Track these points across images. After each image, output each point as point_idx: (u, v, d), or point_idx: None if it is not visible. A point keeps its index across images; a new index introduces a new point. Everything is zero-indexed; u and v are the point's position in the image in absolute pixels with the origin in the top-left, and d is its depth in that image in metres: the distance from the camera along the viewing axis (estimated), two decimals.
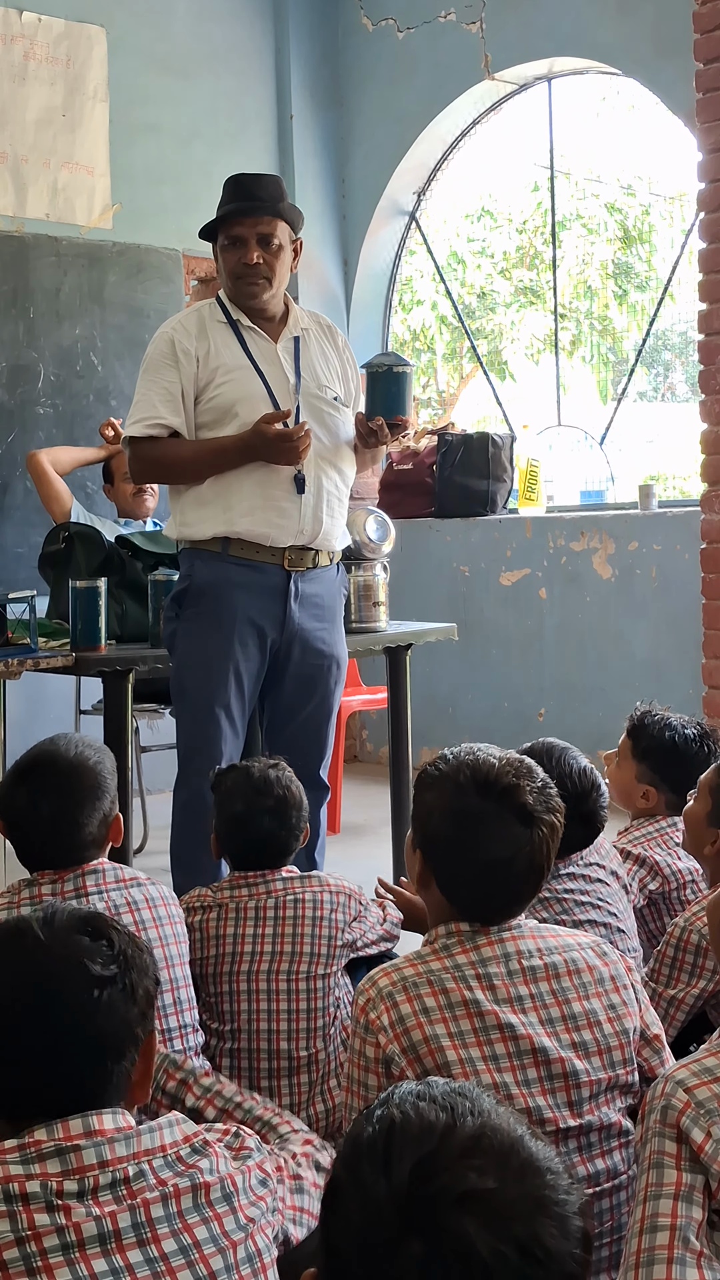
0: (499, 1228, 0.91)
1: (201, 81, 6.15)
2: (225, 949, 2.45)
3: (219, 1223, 1.32)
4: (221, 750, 3.26)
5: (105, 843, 2.32)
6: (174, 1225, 1.29)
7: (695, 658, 4.86)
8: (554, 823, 1.84)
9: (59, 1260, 1.23)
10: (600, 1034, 1.80)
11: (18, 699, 4.68)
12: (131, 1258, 1.26)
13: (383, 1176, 0.94)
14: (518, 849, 1.80)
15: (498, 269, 10.71)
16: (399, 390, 3.33)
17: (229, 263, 3.29)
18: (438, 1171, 0.93)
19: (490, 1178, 0.93)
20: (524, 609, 5.87)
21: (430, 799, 1.87)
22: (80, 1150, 1.28)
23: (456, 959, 1.80)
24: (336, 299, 6.63)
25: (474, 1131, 0.96)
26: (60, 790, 2.24)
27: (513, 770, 1.84)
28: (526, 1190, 0.94)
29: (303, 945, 2.45)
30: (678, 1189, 1.38)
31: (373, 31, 6.44)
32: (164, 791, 3.95)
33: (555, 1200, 0.94)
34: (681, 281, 6.07)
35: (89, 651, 3.62)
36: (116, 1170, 1.29)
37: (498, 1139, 0.96)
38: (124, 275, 5.85)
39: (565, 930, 1.91)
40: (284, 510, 3.26)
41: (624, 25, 5.45)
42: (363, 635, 3.99)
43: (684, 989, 2.43)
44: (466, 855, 1.82)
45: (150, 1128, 1.34)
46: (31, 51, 5.60)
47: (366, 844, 4.83)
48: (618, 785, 3.06)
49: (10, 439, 5.49)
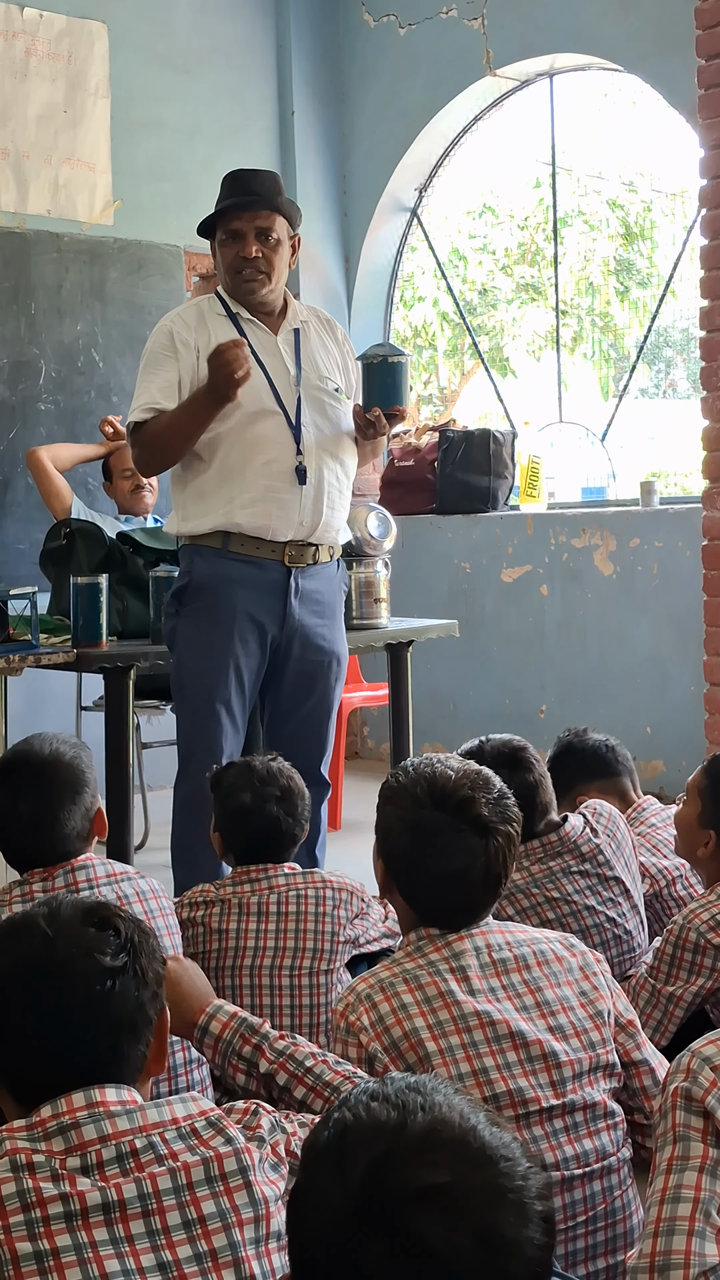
0: (455, 1221, 0.92)
1: (203, 78, 6.14)
2: (227, 944, 2.45)
3: (229, 1197, 1.31)
4: (222, 747, 3.26)
5: (90, 836, 2.33)
6: (181, 1198, 1.29)
7: (697, 654, 4.86)
8: (510, 832, 1.89)
9: (61, 1227, 1.24)
10: (575, 1017, 1.84)
11: (19, 695, 4.68)
12: (134, 1229, 1.26)
13: (338, 1179, 0.95)
14: (473, 859, 1.86)
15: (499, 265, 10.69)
16: (395, 381, 3.31)
17: (227, 257, 3.29)
18: (391, 1170, 0.94)
19: (444, 1171, 0.94)
20: (525, 606, 5.87)
21: (389, 811, 1.94)
22: (80, 1126, 1.29)
23: (429, 957, 1.85)
24: (338, 295, 6.63)
25: (425, 1127, 0.97)
26: (37, 787, 2.26)
27: (469, 782, 1.90)
28: (482, 1181, 0.94)
29: (305, 941, 2.45)
30: (703, 1163, 1.38)
31: (374, 27, 6.43)
32: (165, 788, 3.95)
33: (511, 1187, 0.95)
34: (683, 278, 6.06)
35: (90, 648, 3.62)
36: (121, 1144, 1.29)
37: (450, 1132, 0.97)
38: (125, 271, 5.85)
39: (532, 928, 1.97)
40: (284, 502, 3.25)
41: (625, 21, 5.45)
42: (364, 632, 3.99)
43: (683, 985, 2.43)
44: (424, 866, 1.88)
45: (159, 1103, 1.35)
46: (33, 48, 5.59)
47: (367, 840, 4.81)
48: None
49: (11, 435, 5.49)
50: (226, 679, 3.27)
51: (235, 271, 3.28)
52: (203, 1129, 1.35)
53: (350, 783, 5.62)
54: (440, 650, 5.62)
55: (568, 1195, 1.76)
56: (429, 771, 1.91)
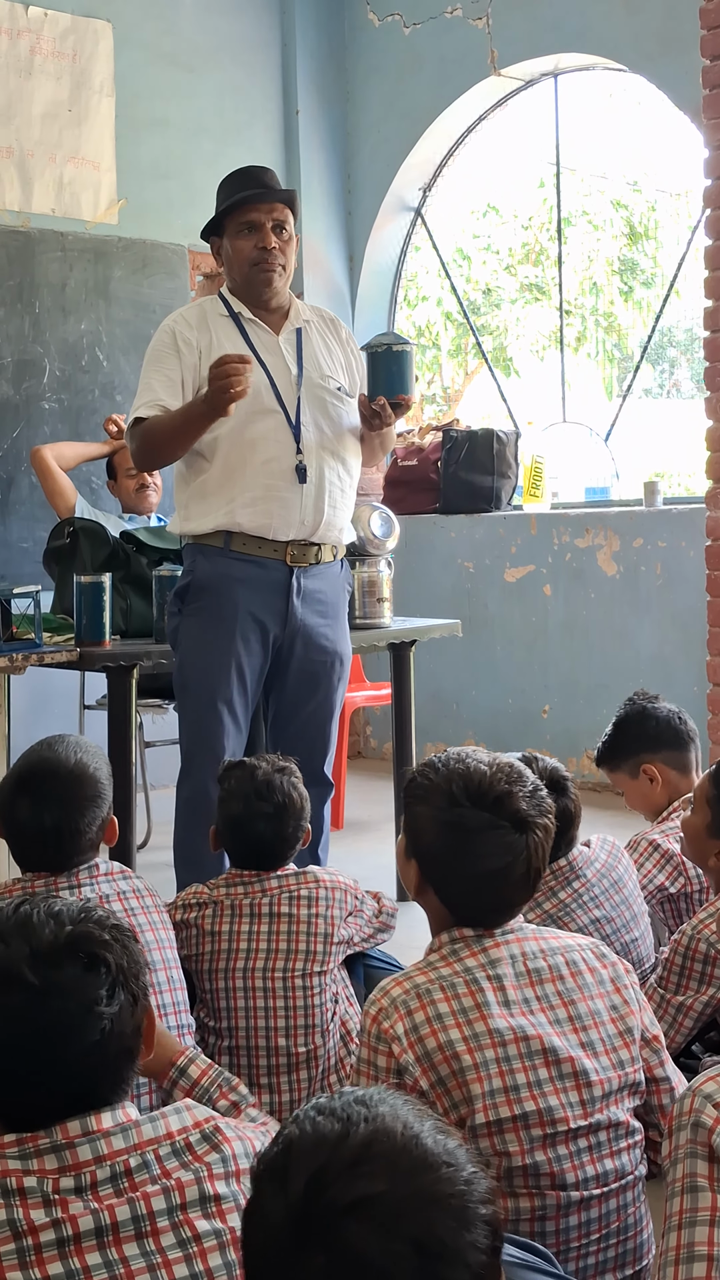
0: (389, 1230, 0.92)
1: (207, 76, 6.14)
2: (220, 946, 2.45)
3: (221, 1218, 1.30)
4: (224, 746, 3.26)
5: (99, 845, 2.35)
6: (174, 1219, 1.28)
7: (700, 655, 4.86)
8: (547, 825, 1.85)
9: (53, 1254, 1.23)
10: (605, 1033, 1.80)
11: (22, 694, 4.68)
12: (128, 1251, 1.25)
13: (281, 1194, 0.96)
14: (514, 856, 1.81)
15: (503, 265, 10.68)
16: (400, 369, 3.29)
17: (243, 250, 3.27)
18: (329, 1183, 0.94)
19: (380, 1181, 0.94)
20: (528, 605, 5.87)
21: (422, 811, 1.87)
22: (75, 1147, 1.27)
23: (466, 962, 1.80)
24: (342, 295, 6.63)
25: (365, 1138, 0.97)
26: (63, 801, 2.25)
27: (504, 777, 1.84)
28: (417, 1188, 0.94)
29: (298, 943, 2.45)
30: (713, 1214, 1.33)
31: (379, 27, 6.43)
32: (167, 787, 3.95)
33: (450, 1193, 0.94)
34: (687, 278, 6.05)
35: (93, 647, 3.62)
36: (115, 1164, 1.28)
37: (389, 1142, 0.97)
38: (130, 270, 5.85)
39: (564, 933, 1.92)
40: (285, 501, 3.25)
41: (630, 21, 5.44)
42: (367, 631, 3.99)
43: (693, 996, 2.42)
44: (464, 866, 1.83)
45: (153, 1117, 1.33)
46: (38, 46, 5.59)
47: (370, 840, 4.83)
48: (640, 806, 3.03)
49: (15, 434, 5.49)
50: (228, 678, 3.27)
51: (253, 263, 3.27)
52: (196, 1143, 1.33)
53: (353, 782, 5.62)
54: (443, 650, 5.62)
55: (584, 1213, 1.74)
56: (461, 768, 1.85)
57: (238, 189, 3.30)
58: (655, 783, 2.96)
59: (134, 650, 3.64)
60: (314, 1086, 2.41)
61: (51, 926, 1.35)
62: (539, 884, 1.88)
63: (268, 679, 3.38)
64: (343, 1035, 2.48)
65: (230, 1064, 2.40)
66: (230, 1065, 2.40)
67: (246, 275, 3.30)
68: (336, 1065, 2.44)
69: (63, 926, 1.35)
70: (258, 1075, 2.40)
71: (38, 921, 1.35)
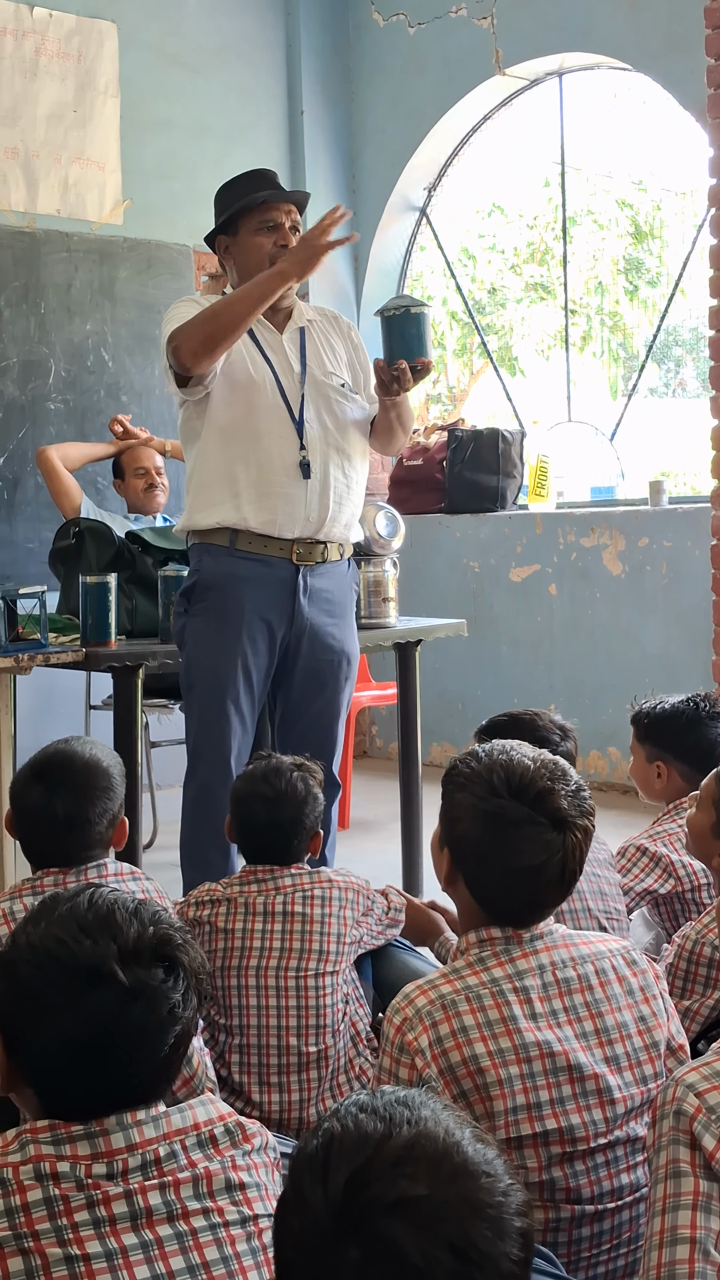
0: (430, 1232, 0.94)
1: (212, 77, 6.15)
2: (234, 944, 2.45)
3: (248, 1205, 1.33)
4: (230, 745, 3.26)
5: (109, 844, 2.35)
6: (204, 1204, 1.30)
7: (706, 654, 4.85)
8: (587, 827, 1.80)
9: (90, 1234, 1.25)
10: (631, 1047, 1.78)
11: (28, 694, 4.68)
12: (161, 1231, 1.27)
13: (320, 1187, 0.97)
14: (550, 855, 1.76)
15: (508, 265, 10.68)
16: (418, 331, 3.20)
17: (264, 246, 3.27)
18: (371, 1180, 0.96)
19: (422, 1184, 0.96)
20: (534, 605, 5.87)
21: (461, 799, 1.82)
22: (109, 1134, 1.29)
23: (493, 973, 1.76)
24: (347, 294, 6.63)
25: (408, 1140, 0.98)
26: (75, 789, 2.27)
27: (547, 773, 1.79)
28: (458, 1194, 0.96)
29: (311, 942, 2.45)
30: (695, 1198, 1.37)
31: (384, 26, 6.43)
32: (174, 786, 3.95)
33: (489, 1202, 0.96)
34: (692, 277, 6.05)
35: (99, 647, 3.62)
36: (146, 1152, 1.29)
37: (431, 1146, 0.98)
38: (135, 271, 5.85)
39: (595, 935, 1.88)
40: (290, 497, 3.25)
41: (635, 20, 5.44)
42: (372, 631, 3.99)
43: (699, 1000, 2.41)
44: (497, 859, 1.78)
45: (181, 1108, 1.35)
46: (43, 47, 5.60)
47: (376, 839, 4.83)
48: (636, 780, 3.05)
49: (21, 434, 5.50)
50: (235, 678, 3.27)
51: (272, 260, 3.25)
52: (220, 1136, 1.35)
53: (359, 782, 5.62)
54: (449, 649, 5.62)
55: (596, 1225, 1.73)
56: (505, 759, 1.80)
57: (250, 190, 3.30)
58: (660, 778, 2.97)
59: (139, 650, 3.64)
60: (323, 1086, 2.41)
61: (136, 925, 1.35)
62: (573, 887, 1.83)
63: (275, 678, 3.38)
64: (352, 1036, 2.48)
65: (240, 1062, 2.40)
66: (240, 1064, 2.40)
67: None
68: (346, 1065, 2.44)
69: (145, 926, 1.36)
70: (268, 1074, 2.40)
71: (121, 919, 1.36)
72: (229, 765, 3.26)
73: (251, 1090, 2.39)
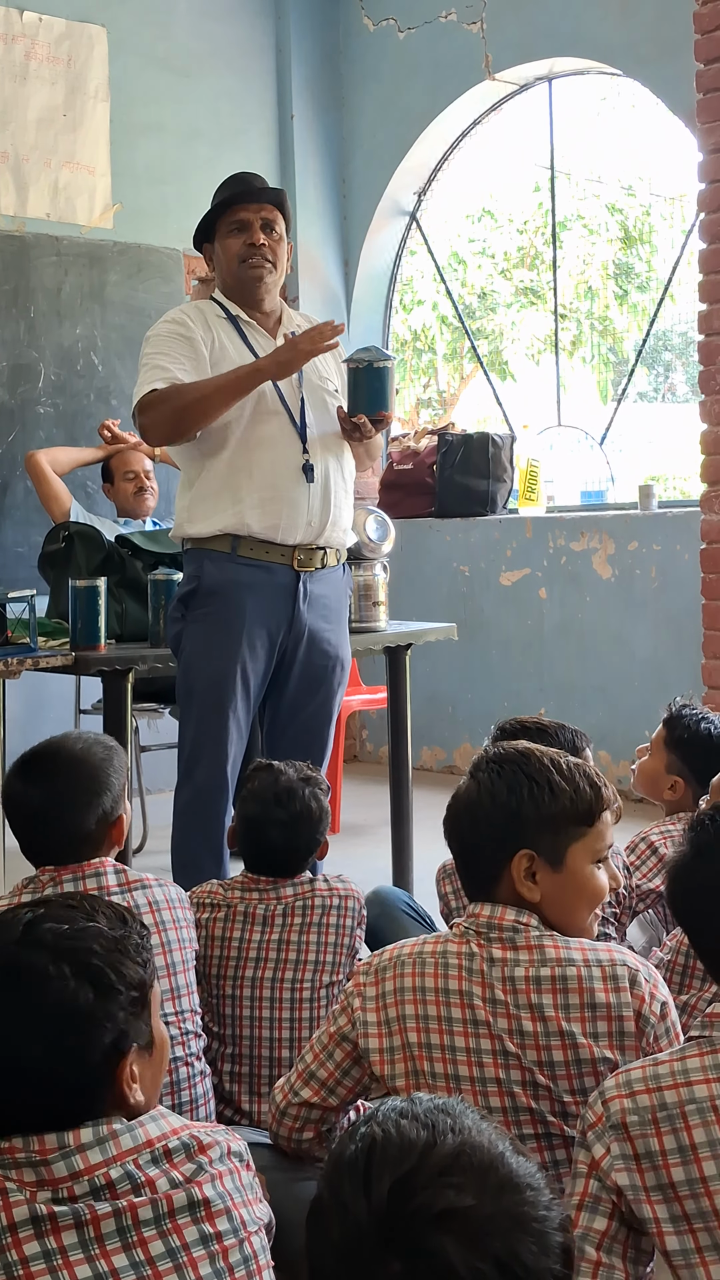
0: (476, 1245, 0.91)
1: (202, 81, 6.15)
2: (230, 952, 2.42)
3: (210, 1223, 1.28)
4: (227, 752, 3.26)
5: (105, 843, 2.26)
6: (164, 1226, 1.25)
7: (695, 658, 4.86)
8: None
9: (41, 1268, 1.21)
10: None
11: (17, 699, 4.68)
12: (117, 1263, 1.23)
13: (362, 1195, 0.94)
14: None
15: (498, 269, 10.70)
16: (381, 386, 3.27)
17: (233, 248, 3.29)
18: (416, 1190, 0.93)
19: (468, 1195, 0.93)
20: (524, 609, 5.87)
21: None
22: (50, 1164, 1.24)
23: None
24: (337, 299, 6.63)
25: (453, 1149, 0.96)
26: (53, 781, 2.21)
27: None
28: (505, 1207, 0.94)
29: (308, 954, 2.42)
30: (583, 1199, 1.43)
31: (374, 31, 6.44)
32: (163, 791, 3.95)
33: (534, 1217, 0.94)
34: (682, 282, 6.06)
35: (89, 651, 3.61)
36: (94, 1178, 1.25)
37: (477, 1156, 0.96)
38: (125, 275, 5.85)
39: (589, 944, 1.82)
40: (293, 501, 3.25)
41: (625, 25, 5.45)
42: (363, 635, 3.98)
43: (696, 994, 2.42)
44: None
45: (131, 1126, 1.29)
46: (32, 51, 5.60)
47: (366, 843, 4.83)
48: (647, 774, 3.02)
49: (10, 438, 5.49)
50: (235, 685, 3.26)
51: (242, 260, 3.27)
52: (175, 1150, 1.30)
53: (349, 786, 5.62)
54: (439, 653, 5.62)
55: None
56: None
57: (225, 192, 3.33)
58: (673, 790, 2.96)
59: (130, 654, 3.63)
60: None
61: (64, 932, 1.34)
62: None
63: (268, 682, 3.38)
64: None
65: (232, 1072, 2.38)
66: (230, 1073, 2.38)
67: (237, 273, 3.30)
68: None
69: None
70: (258, 1085, 2.37)
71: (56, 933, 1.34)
72: (225, 772, 3.26)
73: (241, 1099, 2.37)
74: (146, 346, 3.31)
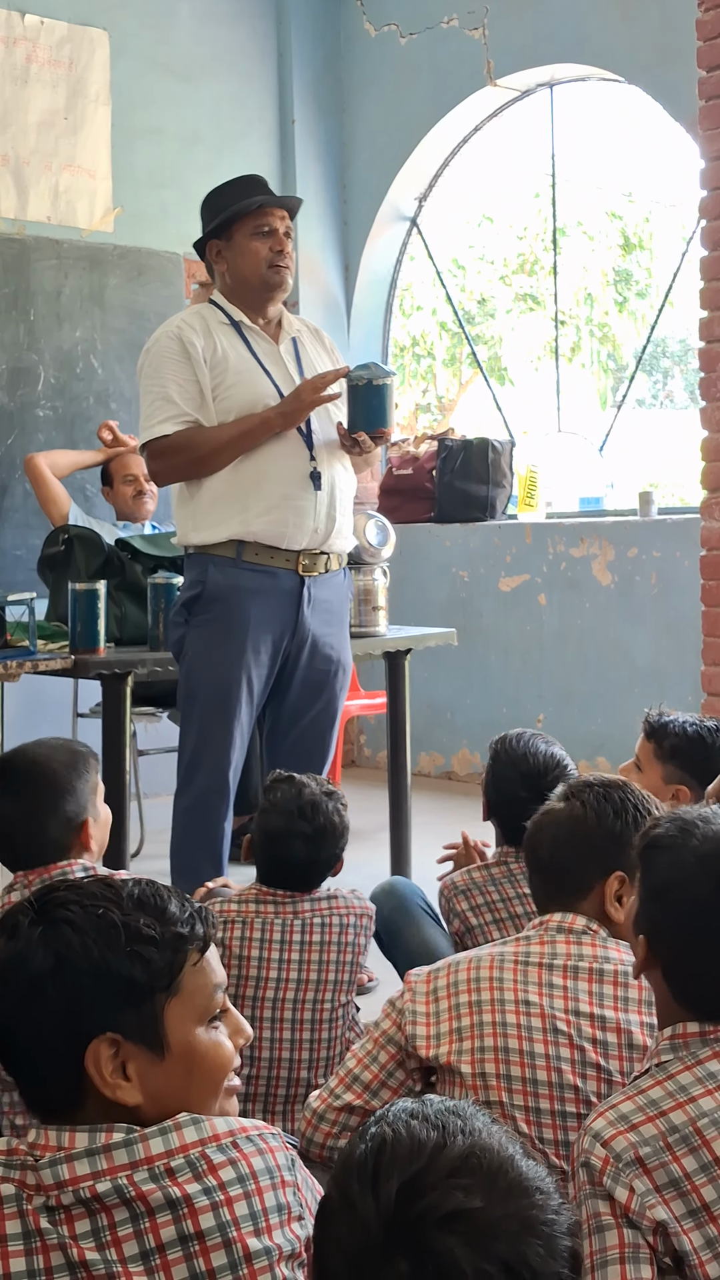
0: (484, 1247, 0.91)
1: (203, 85, 6.15)
2: (249, 972, 2.37)
3: (205, 1259, 1.18)
4: (229, 758, 3.25)
5: (74, 847, 2.25)
6: (151, 1263, 1.17)
7: (694, 664, 4.85)
8: None
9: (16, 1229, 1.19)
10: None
11: (16, 701, 4.67)
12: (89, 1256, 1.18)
13: (371, 1195, 0.94)
14: None
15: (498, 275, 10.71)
16: (380, 403, 3.28)
17: (260, 251, 3.28)
18: (424, 1191, 0.93)
19: (477, 1197, 0.93)
20: (523, 615, 5.86)
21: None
22: (39, 1169, 1.20)
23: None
24: (337, 304, 6.63)
25: (463, 1151, 0.95)
26: (15, 789, 2.23)
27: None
28: (513, 1210, 0.93)
29: (327, 973, 2.39)
30: (622, 1251, 1.35)
31: (375, 37, 6.44)
32: (160, 796, 3.94)
33: (543, 1220, 0.94)
34: (682, 289, 6.06)
35: (88, 654, 3.61)
36: (80, 1189, 1.19)
37: (487, 1159, 0.95)
38: (125, 278, 5.84)
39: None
40: (300, 508, 3.25)
41: (626, 32, 5.45)
42: (362, 640, 3.98)
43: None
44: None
45: (130, 1140, 1.22)
46: (34, 54, 5.60)
47: (364, 849, 4.82)
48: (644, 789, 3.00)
49: (10, 441, 5.48)
50: (238, 690, 3.26)
51: (269, 264, 3.27)
52: (179, 1169, 1.21)
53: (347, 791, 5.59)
54: (438, 659, 5.61)
55: None
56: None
57: (243, 195, 3.30)
58: (676, 799, 2.94)
59: (129, 658, 3.63)
60: None
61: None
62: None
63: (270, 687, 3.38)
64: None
65: (247, 1092, 2.33)
66: (247, 1094, 2.33)
67: (263, 275, 3.29)
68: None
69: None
70: (273, 1104, 2.35)
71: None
72: (226, 778, 3.25)
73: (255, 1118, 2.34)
74: (147, 367, 3.31)
